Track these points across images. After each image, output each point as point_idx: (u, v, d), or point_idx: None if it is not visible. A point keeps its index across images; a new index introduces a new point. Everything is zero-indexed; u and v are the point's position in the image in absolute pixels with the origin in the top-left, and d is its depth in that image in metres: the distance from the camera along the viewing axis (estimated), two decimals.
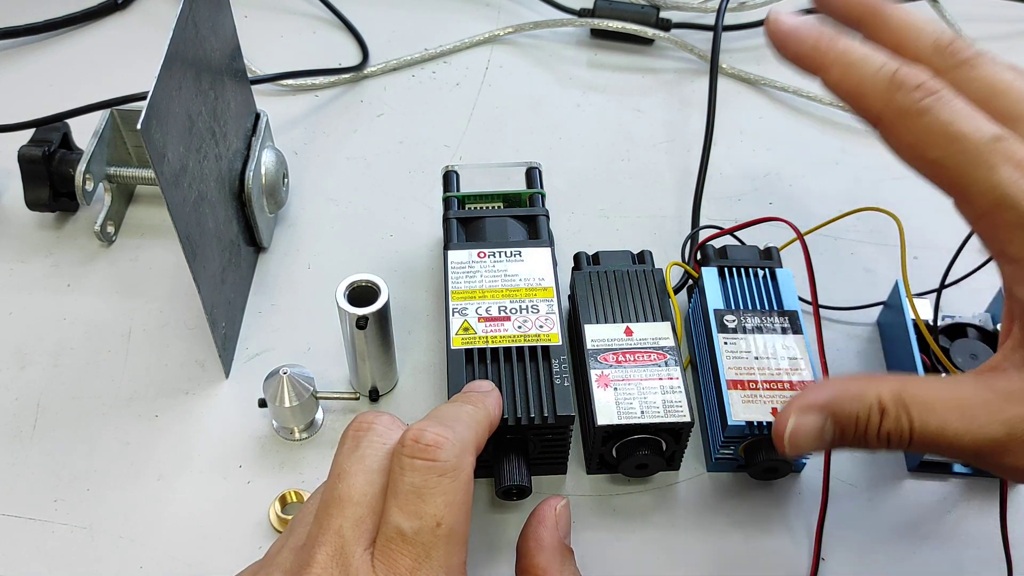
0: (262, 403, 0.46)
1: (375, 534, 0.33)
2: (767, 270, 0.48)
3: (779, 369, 0.44)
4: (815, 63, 0.36)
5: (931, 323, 0.48)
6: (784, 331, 0.46)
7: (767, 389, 0.44)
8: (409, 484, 0.33)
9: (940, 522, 0.45)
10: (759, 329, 0.46)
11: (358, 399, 0.48)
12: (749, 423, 0.43)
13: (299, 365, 0.46)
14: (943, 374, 0.45)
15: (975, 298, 0.51)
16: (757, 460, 0.43)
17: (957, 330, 0.48)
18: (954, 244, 0.50)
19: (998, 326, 0.48)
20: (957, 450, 0.33)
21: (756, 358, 0.45)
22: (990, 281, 0.49)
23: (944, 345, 0.47)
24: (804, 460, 0.45)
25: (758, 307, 0.47)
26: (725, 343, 0.45)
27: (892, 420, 0.33)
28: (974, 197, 0.33)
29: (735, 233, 0.52)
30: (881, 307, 0.52)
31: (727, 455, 0.45)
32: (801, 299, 0.51)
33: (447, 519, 0.33)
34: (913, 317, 0.47)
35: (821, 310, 0.53)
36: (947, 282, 0.47)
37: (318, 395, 0.46)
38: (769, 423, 0.42)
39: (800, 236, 0.45)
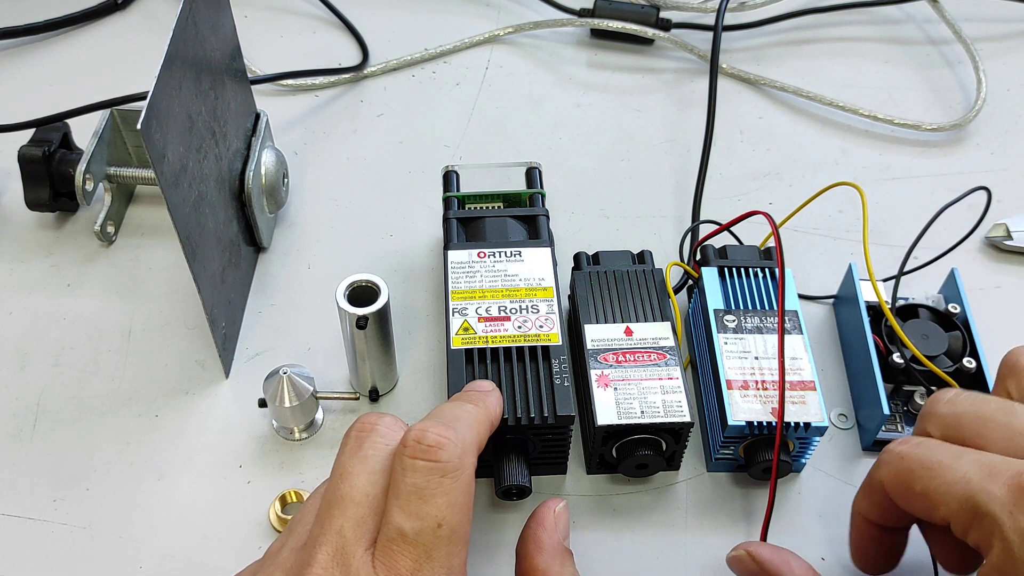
0: (262, 403, 0.46)
1: (376, 535, 0.33)
2: (767, 270, 0.48)
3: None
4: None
5: (885, 303, 0.48)
6: (784, 331, 0.46)
7: (767, 389, 0.44)
8: (411, 485, 0.33)
9: None
10: (759, 329, 0.46)
11: (358, 399, 0.48)
12: (749, 423, 0.43)
13: (299, 365, 0.46)
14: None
15: (928, 281, 0.51)
16: (757, 460, 0.43)
17: (909, 311, 0.49)
18: (949, 243, 0.50)
19: (950, 306, 0.49)
20: None
21: (756, 358, 0.45)
22: (942, 266, 0.51)
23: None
24: (803, 460, 0.45)
25: (758, 307, 0.47)
26: (725, 343, 0.45)
27: None
28: None
29: (735, 234, 0.52)
30: (838, 292, 0.53)
31: (727, 455, 0.45)
32: (801, 296, 0.52)
33: (448, 520, 0.33)
34: (866, 299, 0.48)
35: (811, 301, 0.53)
36: (905, 269, 0.48)
37: (318, 395, 0.46)
38: (769, 423, 0.42)
39: (775, 228, 0.45)
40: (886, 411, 0.44)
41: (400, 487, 0.33)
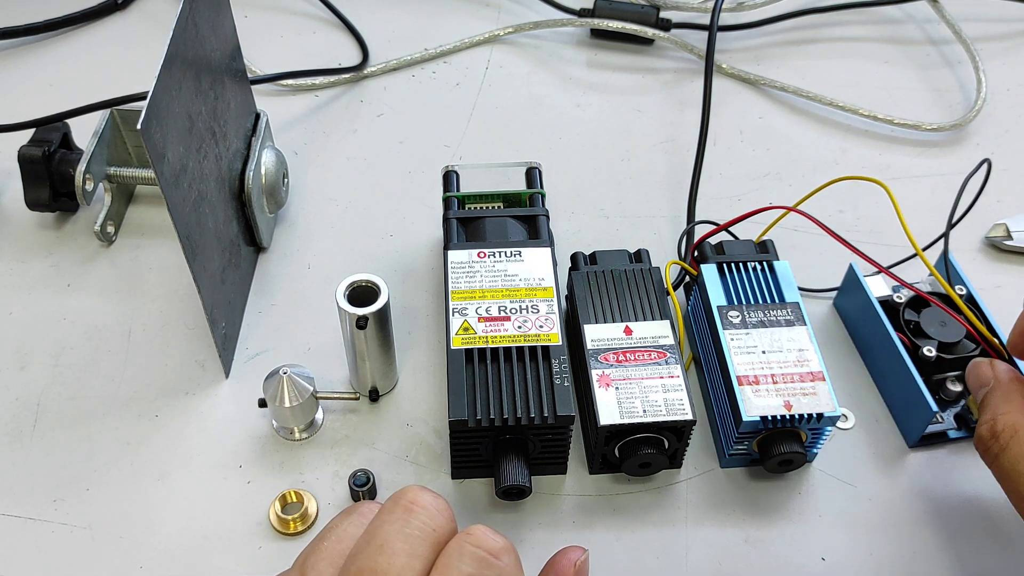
0: (262, 403, 0.46)
1: None
2: (765, 263, 0.48)
3: (787, 361, 0.44)
4: None
5: (896, 299, 0.49)
6: (788, 323, 0.46)
7: (778, 382, 0.44)
8: (463, 572, 0.30)
9: (903, 486, 0.46)
10: (763, 323, 0.46)
11: (358, 399, 0.48)
12: (763, 418, 0.43)
13: (299, 365, 0.46)
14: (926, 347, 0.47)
15: (924, 270, 0.50)
16: (772, 453, 0.43)
17: (921, 302, 0.49)
18: (949, 243, 0.50)
19: (956, 288, 0.48)
20: None
21: (764, 352, 0.45)
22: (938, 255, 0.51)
23: (912, 318, 0.48)
24: (815, 450, 0.45)
25: (760, 301, 0.47)
26: (732, 339, 0.45)
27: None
28: None
29: (730, 230, 0.52)
30: (840, 287, 0.53)
31: (741, 451, 0.45)
32: (801, 289, 0.52)
33: None
34: (876, 295, 0.49)
35: (817, 295, 0.53)
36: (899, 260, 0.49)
37: (318, 395, 0.46)
38: (783, 416, 0.43)
39: (799, 211, 0.45)
40: (934, 407, 0.45)
41: (450, 570, 0.30)
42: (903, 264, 0.52)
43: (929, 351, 0.46)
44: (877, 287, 0.50)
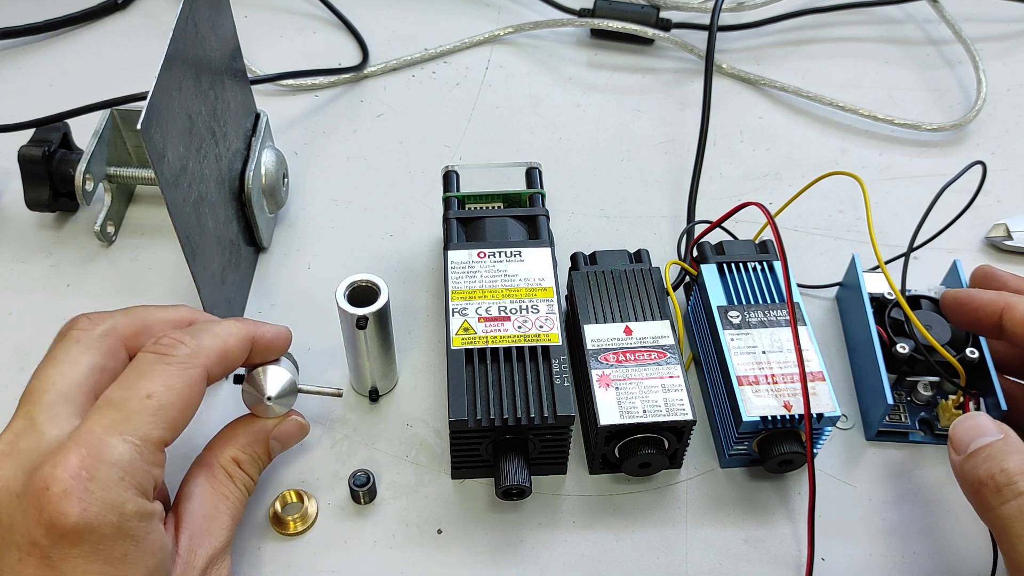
0: (237, 379, 0.44)
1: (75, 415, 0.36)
2: (765, 263, 0.48)
3: (787, 362, 0.44)
4: (999, 304, 0.43)
5: (888, 295, 0.49)
6: (788, 323, 0.46)
7: (778, 383, 0.44)
8: (133, 367, 0.37)
9: (902, 487, 0.46)
10: (764, 323, 0.46)
11: (341, 395, 0.46)
12: (763, 418, 0.43)
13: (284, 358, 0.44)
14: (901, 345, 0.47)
15: (931, 274, 0.51)
16: (772, 453, 0.43)
17: (913, 302, 0.49)
18: (948, 243, 0.50)
19: None
20: None
21: (764, 352, 0.45)
22: (939, 256, 0.51)
23: (899, 317, 0.48)
24: (815, 450, 0.45)
25: (760, 301, 0.47)
26: (732, 339, 0.45)
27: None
28: None
29: (729, 230, 0.52)
30: (843, 282, 0.53)
31: (741, 451, 0.45)
32: (801, 286, 0.52)
33: (160, 395, 0.36)
34: (869, 291, 0.49)
35: (817, 296, 0.53)
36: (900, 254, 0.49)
37: (301, 390, 0.45)
38: (783, 416, 0.43)
39: (770, 218, 0.45)
40: (890, 400, 0.44)
41: (125, 372, 0.37)
42: (916, 264, 0.51)
43: (902, 348, 0.46)
44: (876, 284, 0.49)
